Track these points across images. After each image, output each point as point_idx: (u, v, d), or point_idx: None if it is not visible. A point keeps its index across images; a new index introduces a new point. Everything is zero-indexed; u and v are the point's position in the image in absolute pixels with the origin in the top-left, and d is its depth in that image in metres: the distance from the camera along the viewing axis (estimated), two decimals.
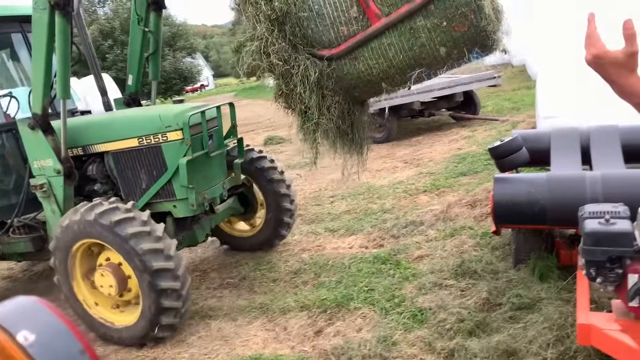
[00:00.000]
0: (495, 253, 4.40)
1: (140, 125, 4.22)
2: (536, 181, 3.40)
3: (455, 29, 3.23)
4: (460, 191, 6.46)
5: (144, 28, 4.80)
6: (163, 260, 3.65)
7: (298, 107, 3.47)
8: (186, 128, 4.03)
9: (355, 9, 3.27)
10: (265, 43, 3.36)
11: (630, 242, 1.89)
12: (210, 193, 4.44)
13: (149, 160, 4.21)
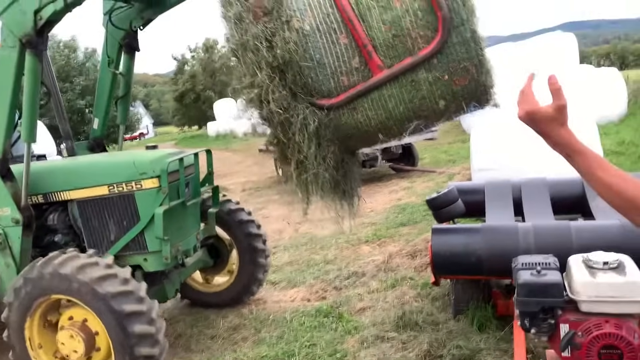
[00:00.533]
0: (435, 304, 4.43)
1: (111, 171, 3.97)
2: (472, 232, 3.49)
3: (456, 83, 3.23)
4: (400, 241, 6.54)
5: (114, 70, 4.61)
6: (146, 324, 3.36)
7: (295, 157, 3.35)
8: (164, 175, 3.81)
9: (357, 59, 3.21)
10: (265, 91, 3.24)
11: (560, 293, 1.95)
12: (184, 245, 4.17)
13: (119, 209, 3.95)
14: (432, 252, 3.50)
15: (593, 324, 1.88)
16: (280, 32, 3.23)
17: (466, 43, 3.14)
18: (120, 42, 4.55)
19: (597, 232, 3.22)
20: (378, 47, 3.17)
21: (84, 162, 4.39)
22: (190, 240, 4.30)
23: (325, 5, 3.25)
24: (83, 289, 3.33)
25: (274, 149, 3.50)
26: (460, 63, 3.19)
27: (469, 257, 3.38)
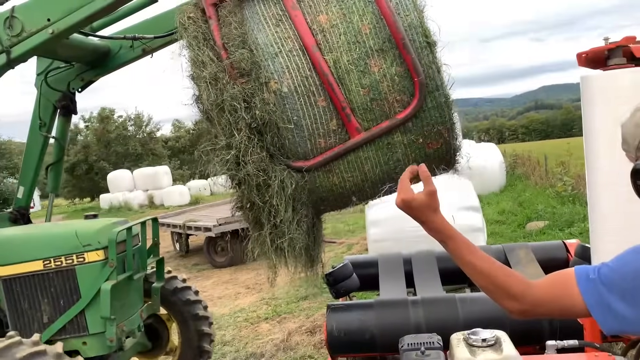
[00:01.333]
0: None
1: (47, 244, 3.55)
2: (365, 308, 3.50)
3: (429, 146, 3.26)
4: (300, 317, 6.44)
5: (46, 134, 4.21)
6: None
7: (271, 222, 3.17)
8: (112, 247, 3.46)
9: (335, 122, 3.17)
10: (243, 152, 3.10)
11: None
12: (127, 325, 3.72)
13: (56, 286, 3.51)
14: (326, 332, 3.45)
15: None
16: (258, 93, 3.14)
17: (440, 108, 3.20)
18: (54, 104, 4.21)
19: (480, 303, 3.36)
20: (356, 110, 3.15)
21: (13, 235, 3.88)
22: (134, 320, 3.87)
23: (304, 67, 3.19)
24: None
25: (246, 213, 3.29)
26: (434, 127, 3.24)
27: (363, 334, 3.37)
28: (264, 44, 3.23)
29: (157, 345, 4.64)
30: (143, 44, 3.84)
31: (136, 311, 3.95)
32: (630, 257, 1.30)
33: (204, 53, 3.27)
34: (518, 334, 3.12)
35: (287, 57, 3.21)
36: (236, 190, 3.27)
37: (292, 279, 3.57)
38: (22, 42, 3.37)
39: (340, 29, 3.18)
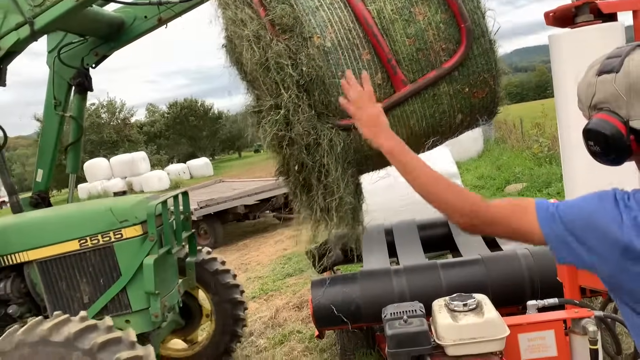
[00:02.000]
0: (323, 355, 4.39)
1: (82, 223, 3.42)
2: (349, 280, 3.52)
3: (474, 95, 3.18)
4: (287, 293, 6.47)
5: (62, 113, 4.07)
6: None
7: (323, 182, 3.05)
8: (151, 220, 3.36)
9: (380, 75, 3.06)
10: (293, 111, 2.98)
11: (427, 340, 1.99)
12: (169, 300, 3.63)
13: (94, 265, 3.42)
14: (312, 306, 3.47)
15: None
16: (303, 48, 3.01)
17: (486, 54, 3.12)
18: (69, 81, 4.07)
19: (461, 269, 3.40)
20: (402, 61, 3.06)
21: (44, 216, 3.75)
22: (174, 295, 3.78)
23: (346, 20, 3.06)
24: (83, 359, 2.77)
25: (294, 176, 3.16)
26: (480, 75, 3.16)
27: (348, 306, 3.39)
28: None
29: (190, 322, 4.60)
30: (168, 8, 3.68)
31: (174, 286, 3.88)
32: (590, 200, 1.31)
33: (243, 11, 3.10)
34: (500, 296, 3.18)
35: (329, 11, 3.08)
36: (282, 154, 3.12)
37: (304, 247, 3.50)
38: (45, 12, 3.25)
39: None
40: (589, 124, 1.32)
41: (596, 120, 1.30)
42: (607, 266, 1.25)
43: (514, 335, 2.10)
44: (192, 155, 47.75)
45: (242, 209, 10.70)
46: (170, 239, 3.72)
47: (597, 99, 1.32)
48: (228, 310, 4.51)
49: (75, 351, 2.82)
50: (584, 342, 2.15)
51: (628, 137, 1.25)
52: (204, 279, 4.42)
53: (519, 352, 2.14)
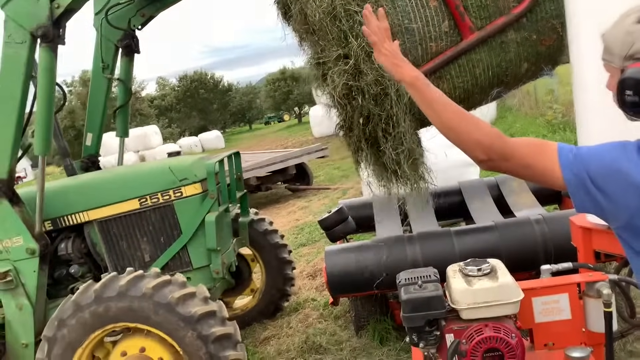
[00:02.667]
0: (338, 322, 4.46)
1: (142, 182, 3.48)
2: (363, 249, 3.55)
3: (542, 43, 3.09)
4: (301, 262, 6.53)
5: (110, 76, 4.10)
6: (232, 349, 2.92)
7: (390, 134, 3.02)
8: (211, 178, 3.42)
9: (447, 23, 2.99)
10: (363, 60, 2.91)
11: (442, 304, 2.01)
12: (227, 258, 3.68)
13: (154, 224, 3.48)
14: (326, 274, 3.51)
15: (474, 330, 1.96)
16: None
17: (555, 0, 3.00)
18: (116, 44, 4.08)
19: (475, 236, 3.40)
20: (469, 8, 2.96)
21: (101, 177, 3.81)
22: (230, 253, 3.84)
23: None
24: (161, 313, 2.86)
25: (359, 129, 3.13)
26: (549, 22, 3.06)
27: (362, 273, 3.43)
28: None
29: (240, 282, 4.68)
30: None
31: (230, 245, 3.93)
32: (612, 147, 1.31)
33: None
34: (513, 262, 3.18)
35: None
36: (348, 106, 3.08)
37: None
38: None
39: None
40: (627, 72, 1.28)
41: (637, 69, 1.26)
42: (626, 212, 1.26)
43: (528, 299, 2.12)
44: (204, 128, 47.83)
45: (254, 180, 10.75)
46: (226, 198, 3.76)
47: (636, 48, 1.27)
48: (277, 269, 4.61)
49: (153, 305, 2.88)
50: (598, 305, 2.16)
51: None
52: (254, 238, 4.49)
53: (532, 315, 2.16)
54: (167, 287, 2.94)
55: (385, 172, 3.18)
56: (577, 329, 2.16)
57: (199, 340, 2.86)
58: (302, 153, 11.41)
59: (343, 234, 4.25)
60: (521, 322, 2.15)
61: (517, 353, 1.94)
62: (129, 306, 2.89)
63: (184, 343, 2.87)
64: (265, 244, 4.56)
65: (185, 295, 2.93)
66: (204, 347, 2.85)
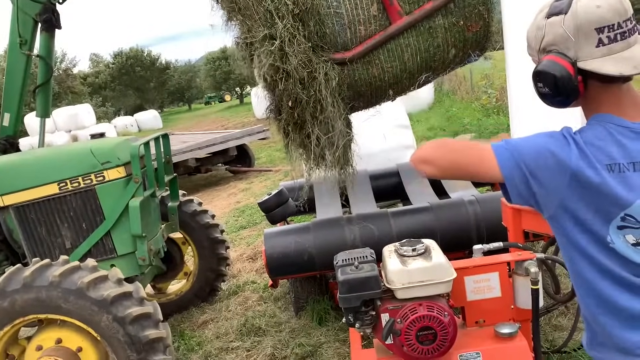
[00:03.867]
0: (277, 304, 4.45)
1: (61, 165, 3.28)
2: (302, 230, 3.54)
3: (469, 29, 3.12)
4: (241, 245, 6.48)
5: (29, 53, 3.80)
6: (154, 328, 2.83)
7: (317, 118, 3.00)
8: (135, 161, 3.25)
9: (375, 6, 2.96)
10: (288, 42, 2.85)
11: (378, 285, 2.03)
12: (154, 244, 3.55)
13: (76, 209, 3.30)
14: (265, 257, 3.48)
15: (409, 309, 1.99)
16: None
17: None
18: (35, 18, 3.79)
19: (411, 217, 3.47)
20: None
21: (18, 159, 3.54)
22: (158, 239, 3.70)
23: None
24: (71, 300, 2.74)
25: (287, 114, 3.08)
26: (476, 7, 3.10)
27: (301, 255, 3.43)
28: None
29: (171, 268, 4.57)
30: None
31: (158, 231, 3.81)
32: (541, 135, 1.36)
33: None
34: (448, 242, 3.28)
35: None
36: (276, 88, 3.03)
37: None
38: None
39: None
40: (538, 65, 1.34)
41: (545, 62, 1.31)
42: (557, 195, 1.31)
43: (461, 278, 2.18)
44: (140, 108, 46.26)
45: (193, 162, 10.53)
46: (153, 182, 3.65)
47: (546, 41, 1.33)
48: (210, 250, 4.54)
49: (62, 293, 2.77)
50: (526, 282, 2.24)
51: (576, 78, 1.27)
52: (183, 220, 4.39)
53: (465, 293, 2.22)
54: (75, 273, 2.85)
55: (313, 157, 3.16)
56: (507, 306, 2.24)
57: (116, 323, 2.80)
58: (243, 134, 11.26)
59: (283, 216, 4.23)
60: (454, 300, 2.20)
61: (449, 331, 1.99)
62: (36, 297, 2.78)
63: (100, 328, 2.81)
64: (195, 226, 4.48)
65: (96, 279, 2.85)
66: (122, 329, 2.80)
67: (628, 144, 1.27)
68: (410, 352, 2.01)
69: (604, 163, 1.27)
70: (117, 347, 2.81)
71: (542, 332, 3.19)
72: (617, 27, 1.25)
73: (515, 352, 2.07)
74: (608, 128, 1.29)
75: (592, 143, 1.28)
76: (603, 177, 1.26)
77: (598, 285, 1.34)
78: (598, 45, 1.26)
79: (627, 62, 1.25)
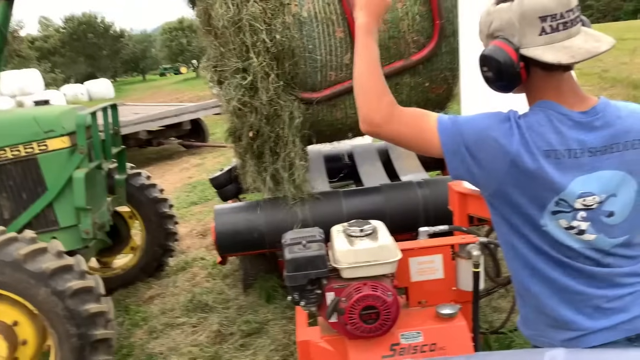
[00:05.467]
0: (226, 281, 4.44)
1: (2, 132, 3.13)
2: (252, 208, 3.52)
3: (433, 90, 3.29)
4: (192, 221, 6.40)
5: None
6: (94, 302, 2.74)
7: (276, 152, 3.14)
8: (81, 132, 3.11)
9: (349, 55, 3.06)
10: (261, 79, 2.93)
11: (324, 264, 2.04)
12: (99, 218, 3.44)
13: (15, 178, 3.16)
14: (215, 233, 3.45)
15: (354, 288, 2.02)
16: (279, 15, 2.95)
17: (452, 53, 3.21)
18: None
19: (362, 198, 3.50)
20: None
21: None
22: (104, 213, 3.59)
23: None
24: (7, 272, 2.65)
25: (247, 143, 3.16)
26: (442, 72, 3.27)
27: (251, 233, 3.41)
28: None
29: (117, 242, 4.48)
30: None
31: (104, 204, 3.71)
32: (486, 116, 1.39)
33: None
34: (396, 223, 3.33)
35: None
36: (240, 119, 3.10)
37: None
38: None
39: None
40: (484, 50, 1.36)
41: (491, 47, 1.34)
42: (496, 179, 1.34)
43: (405, 259, 2.22)
44: (92, 76, 44.57)
45: (145, 134, 10.26)
46: (99, 154, 3.54)
47: (493, 27, 1.36)
48: (157, 224, 4.46)
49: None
50: (468, 265, 2.31)
51: (518, 64, 1.30)
52: (130, 194, 4.30)
53: (409, 274, 2.26)
54: (12, 245, 2.75)
55: (268, 187, 3.32)
56: (449, 287, 2.30)
57: (55, 297, 2.72)
58: (198, 108, 11.02)
59: (235, 194, 4.18)
60: (398, 281, 2.24)
61: (392, 310, 2.03)
62: None
63: (38, 301, 2.73)
64: (142, 199, 4.39)
65: (35, 251, 2.76)
66: (61, 302, 2.73)
67: (565, 132, 1.31)
68: (353, 331, 2.04)
69: (542, 149, 1.31)
70: (55, 321, 2.73)
71: (482, 313, 3.31)
72: (559, 16, 1.28)
73: (455, 332, 2.14)
74: (549, 115, 1.33)
75: (533, 129, 1.32)
76: (540, 163, 1.30)
77: (532, 259, 1.39)
78: (541, 34, 1.29)
79: (566, 51, 1.28)
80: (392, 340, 2.09)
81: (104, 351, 2.88)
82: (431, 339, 2.10)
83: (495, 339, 2.98)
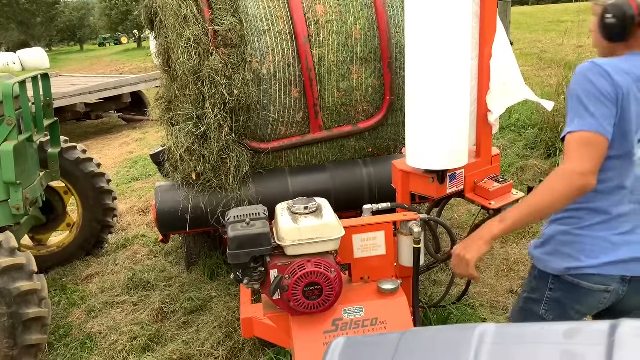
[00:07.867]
0: (168, 258, 4.36)
1: None
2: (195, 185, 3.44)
3: (375, 155, 3.51)
4: (132, 197, 6.22)
5: None
6: (27, 279, 2.64)
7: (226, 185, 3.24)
8: (8, 101, 2.91)
9: (301, 114, 3.17)
10: (213, 129, 2.97)
11: (268, 241, 2.04)
12: (31, 193, 3.25)
13: None
14: (155, 211, 3.36)
15: (297, 265, 2.03)
16: (240, 71, 2.99)
17: (397, 126, 3.42)
18: None
19: (308, 176, 3.49)
20: (325, 109, 3.22)
21: None
22: (36, 187, 3.41)
23: (289, 54, 3.08)
24: None
25: (190, 178, 3.27)
26: (386, 141, 3.49)
27: (194, 211, 3.34)
28: (253, 17, 3.06)
29: (52, 219, 4.30)
30: None
31: (36, 178, 3.53)
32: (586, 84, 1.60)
33: (188, 7, 2.98)
34: (342, 200, 3.37)
35: (275, 39, 3.10)
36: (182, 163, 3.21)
37: None
38: None
39: (334, 26, 3.16)
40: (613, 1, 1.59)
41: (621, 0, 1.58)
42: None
43: (349, 236, 2.25)
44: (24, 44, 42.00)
45: (82, 107, 9.83)
46: (30, 125, 3.36)
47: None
48: (94, 199, 4.32)
49: None
50: (409, 241, 2.37)
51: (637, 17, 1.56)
52: (65, 168, 4.10)
53: (352, 250, 2.29)
54: None
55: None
56: (390, 263, 2.36)
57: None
58: (139, 80, 10.62)
59: None
60: (341, 257, 2.27)
61: (335, 286, 2.06)
62: None
63: None
64: (78, 174, 4.21)
65: None
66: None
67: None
68: (296, 307, 2.06)
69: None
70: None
71: (422, 287, 3.41)
72: None
73: (395, 306, 2.19)
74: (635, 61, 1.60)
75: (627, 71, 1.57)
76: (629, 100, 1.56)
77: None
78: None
79: None
80: (335, 316, 2.13)
81: (38, 330, 2.79)
82: (372, 313, 2.15)
83: (434, 312, 3.08)
